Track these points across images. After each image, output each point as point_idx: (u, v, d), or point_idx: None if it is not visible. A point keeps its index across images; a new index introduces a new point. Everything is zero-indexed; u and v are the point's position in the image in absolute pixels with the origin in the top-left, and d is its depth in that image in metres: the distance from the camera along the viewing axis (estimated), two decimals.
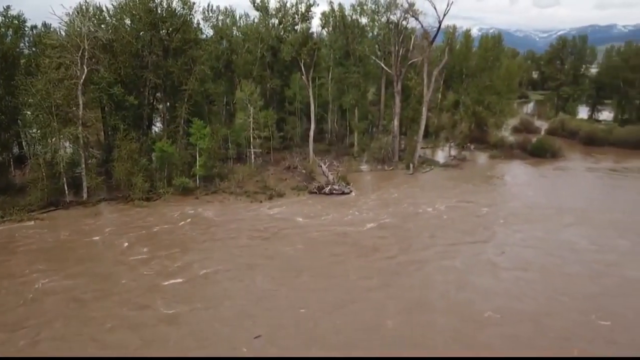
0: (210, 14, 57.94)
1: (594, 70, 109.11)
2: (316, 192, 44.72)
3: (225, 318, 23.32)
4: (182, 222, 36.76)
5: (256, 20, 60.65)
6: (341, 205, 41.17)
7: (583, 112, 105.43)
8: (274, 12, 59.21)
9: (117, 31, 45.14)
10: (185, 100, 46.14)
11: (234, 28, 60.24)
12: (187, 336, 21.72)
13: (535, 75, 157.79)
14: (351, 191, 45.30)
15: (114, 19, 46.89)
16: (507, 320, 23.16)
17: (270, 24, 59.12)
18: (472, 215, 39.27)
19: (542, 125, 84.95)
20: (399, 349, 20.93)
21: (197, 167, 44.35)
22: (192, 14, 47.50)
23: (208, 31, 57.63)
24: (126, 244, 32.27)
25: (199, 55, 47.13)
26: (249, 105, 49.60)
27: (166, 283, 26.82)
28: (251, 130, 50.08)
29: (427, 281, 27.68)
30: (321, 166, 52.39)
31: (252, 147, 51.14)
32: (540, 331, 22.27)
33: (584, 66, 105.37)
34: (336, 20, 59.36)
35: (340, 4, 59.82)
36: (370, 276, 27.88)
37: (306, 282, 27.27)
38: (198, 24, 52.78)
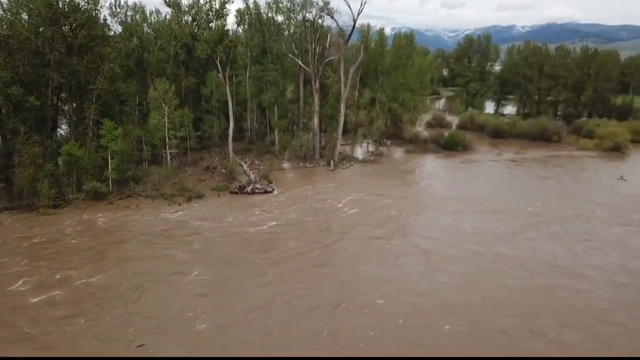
0: (118, 10, 55.14)
1: (497, 67, 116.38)
2: (238, 192, 44.00)
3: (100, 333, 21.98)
4: (71, 230, 34.52)
5: (168, 16, 58.57)
6: (251, 206, 40.44)
7: (490, 107, 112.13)
8: (186, 9, 57.46)
9: (12, 27, 41.63)
10: (94, 100, 43.52)
11: (145, 25, 57.74)
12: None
13: (445, 72, 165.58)
14: (273, 189, 45.05)
15: (9, 14, 43.23)
16: (389, 305, 24.45)
17: (184, 21, 57.32)
18: (379, 207, 40.47)
19: (453, 120, 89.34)
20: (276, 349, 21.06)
21: (110, 170, 42.06)
22: (98, 9, 44.96)
23: (117, 27, 54.91)
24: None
25: (107, 52, 44.65)
26: (163, 105, 47.80)
27: (35, 300, 24.68)
28: (166, 131, 48.31)
29: (314, 272, 28.37)
30: (242, 165, 51.65)
31: (168, 147, 49.35)
32: (415, 310, 24.03)
33: (488, 64, 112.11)
34: (252, 17, 58.76)
35: (255, 2, 59.37)
36: (265, 273, 27.93)
37: (191, 282, 26.74)
38: (105, 19, 50.10)
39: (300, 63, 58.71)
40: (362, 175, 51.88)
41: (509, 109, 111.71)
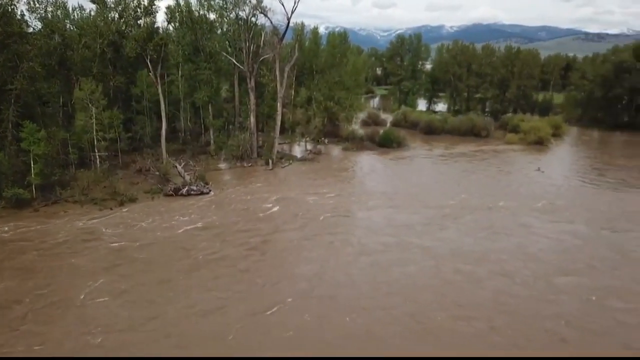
0: (37, 5, 51.84)
1: (428, 66, 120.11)
2: (172, 194, 42.67)
3: None
4: None
5: (93, 13, 55.82)
6: (181, 208, 39.19)
7: (422, 105, 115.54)
8: (113, 5, 55.04)
9: None
10: (13, 101, 40.74)
11: (67, 21, 54.71)
12: None
13: (379, 71, 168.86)
14: (210, 190, 44.08)
15: None
16: (297, 305, 24.43)
17: (110, 18, 54.87)
18: (310, 206, 40.43)
19: (388, 117, 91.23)
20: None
21: (33, 175, 39.50)
22: (14, 4, 42.13)
23: (36, 24, 51.65)
24: None
25: (26, 50, 41.91)
26: (90, 105, 45.50)
27: None
28: (94, 132, 46.04)
29: (223, 272, 28.13)
30: (176, 167, 50.15)
31: (96, 150, 47.06)
32: (326, 304, 24.55)
33: (420, 62, 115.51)
34: (183, 15, 57.17)
35: None
36: (168, 279, 27.02)
37: (92, 292, 25.50)
38: (23, 15, 47.03)
39: (234, 61, 57.83)
40: (301, 174, 51.85)
41: (441, 106, 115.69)
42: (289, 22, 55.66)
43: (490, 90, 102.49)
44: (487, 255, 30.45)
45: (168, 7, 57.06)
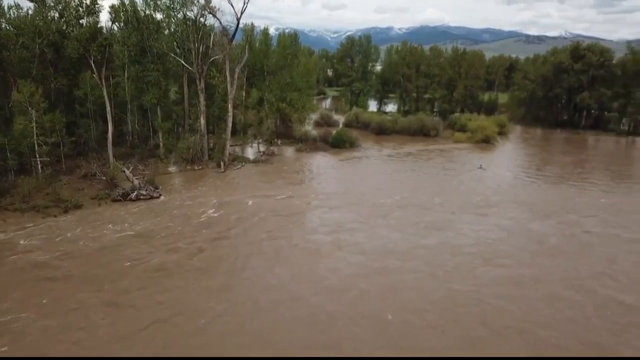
0: None
1: (378, 67, 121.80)
2: (121, 199, 41.29)
3: None
4: None
5: (31, 12, 53.22)
6: (107, 218, 37.51)
7: (373, 106, 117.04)
8: (52, 4, 52.72)
9: None
10: None
11: (3, 20, 51.97)
12: None
13: (330, 72, 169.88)
14: (160, 194, 42.94)
15: None
16: (226, 315, 23.85)
17: (50, 17, 52.54)
18: (256, 207, 40.02)
19: (340, 118, 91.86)
20: None
21: None
22: None
23: None
24: None
25: None
26: (30, 109, 43.41)
27: None
28: (35, 137, 43.94)
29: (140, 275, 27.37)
30: (124, 171, 48.55)
31: (37, 155, 44.93)
32: (251, 303, 24.19)
33: (370, 64, 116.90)
34: (128, 14, 55.38)
35: None
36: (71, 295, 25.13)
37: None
38: None
39: (183, 62, 56.62)
40: (253, 176, 51.33)
41: (391, 107, 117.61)
42: (238, 23, 55.10)
43: (438, 90, 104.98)
44: (413, 250, 31.32)
45: (112, 7, 55.06)
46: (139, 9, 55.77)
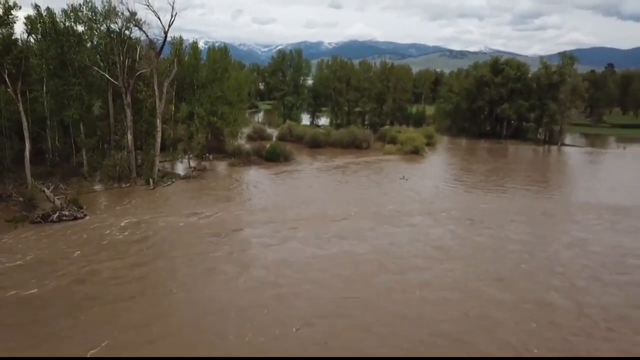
0: None
1: (310, 81, 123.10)
2: (41, 221, 38.71)
3: None
4: None
5: None
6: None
7: (306, 119, 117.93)
8: None
9: None
10: None
11: None
12: None
13: (261, 86, 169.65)
14: (85, 215, 40.68)
15: None
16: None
17: None
18: (181, 227, 38.38)
19: (273, 132, 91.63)
20: None
21: None
22: None
23: None
24: None
25: None
26: None
27: None
28: None
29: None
30: (44, 191, 45.66)
31: None
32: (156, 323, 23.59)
33: (301, 78, 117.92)
34: (46, 26, 52.52)
35: (49, 9, 53.25)
36: None
37: None
38: None
39: (107, 76, 54.30)
40: (183, 192, 49.86)
41: (323, 120, 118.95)
42: (166, 36, 53.76)
43: (368, 103, 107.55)
44: (312, 261, 31.47)
45: (28, 18, 52.02)
46: (58, 20, 53.08)
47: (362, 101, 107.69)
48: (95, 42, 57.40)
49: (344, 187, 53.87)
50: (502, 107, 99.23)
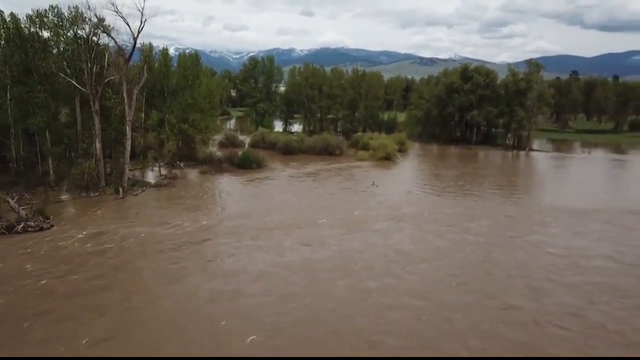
0: None
1: (282, 88, 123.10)
2: (5, 232, 37.50)
3: None
4: None
5: None
6: None
7: (278, 126, 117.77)
8: None
9: None
10: None
11: None
12: None
13: (233, 93, 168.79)
14: (52, 225, 39.57)
15: None
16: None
17: None
18: (144, 238, 37.34)
19: (246, 139, 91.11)
20: None
21: None
22: None
23: None
24: None
25: None
26: None
27: None
28: None
29: None
30: (8, 201, 44.20)
31: None
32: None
33: (274, 85, 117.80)
34: (9, 32, 51.19)
35: (13, 14, 51.96)
36: None
37: None
38: None
39: (74, 83, 53.09)
40: (153, 201, 49.05)
41: (296, 127, 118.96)
42: (135, 43, 53.05)
43: (341, 110, 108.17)
44: (273, 269, 31.13)
45: None
46: (23, 26, 51.80)
47: (335, 108, 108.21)
48: (61, 49, 56.10)
49: (313, 194, 53.72)
50: (472, 114, 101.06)
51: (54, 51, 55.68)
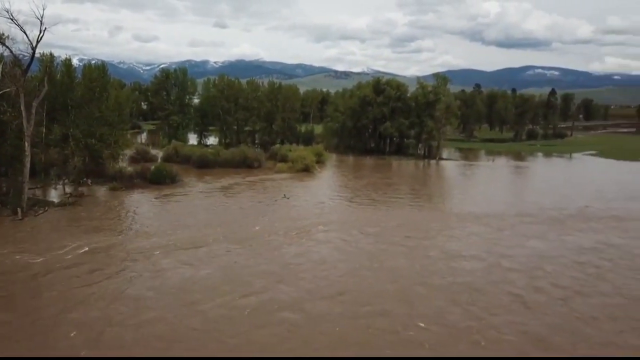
0: None
1: (196, 100, 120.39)
2: None
3: None
4: None
5: None
6: None
7: (193, 139, 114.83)
8: None
9: None
10: None
11: None
12: None
13: (144, 105, 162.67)
14: None
15: None
16: None
17: None
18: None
19: (158, 153, 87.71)
20: None
21: None
22: None
23: None
24: None
25: None
26: None
27: None
28: None
29: None
30: None
31: None
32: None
33: (187, 97, 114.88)
34: None
35: None
36: None
37: None
38: None
39: None
40: (56, 222, 45.07)
41: (212, 140, 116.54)
42: (34, 52, 49.25)
43: (258, 123, 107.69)
44: (149, 294, 29.17)
45: None
46: None
47: (252, 120, 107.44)
48: None
49: (222, 210, 52.01)
50: (385, 125, 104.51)
51: None
